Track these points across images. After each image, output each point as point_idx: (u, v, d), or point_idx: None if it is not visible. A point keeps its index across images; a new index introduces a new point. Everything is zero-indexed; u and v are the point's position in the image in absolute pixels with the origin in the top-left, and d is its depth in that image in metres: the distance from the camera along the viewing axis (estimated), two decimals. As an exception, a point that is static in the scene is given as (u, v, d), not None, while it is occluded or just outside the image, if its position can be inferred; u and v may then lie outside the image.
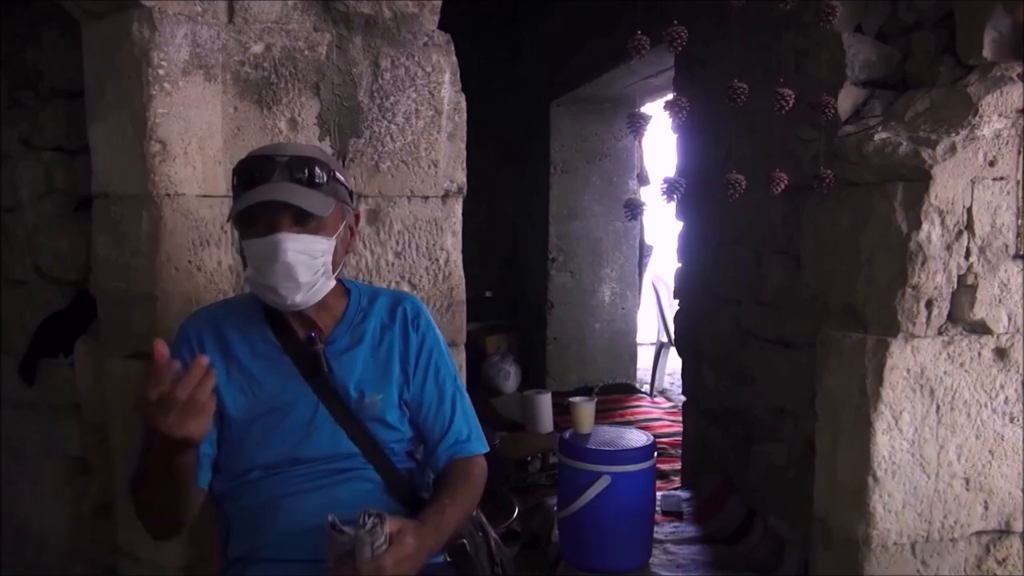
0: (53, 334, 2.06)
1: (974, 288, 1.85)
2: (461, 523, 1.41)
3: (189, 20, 1.62)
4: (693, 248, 3.22)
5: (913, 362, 1.86)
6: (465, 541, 1.46)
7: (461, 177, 1.91)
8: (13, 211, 2.23)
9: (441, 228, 1.90)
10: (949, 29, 1.88)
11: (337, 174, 1.37)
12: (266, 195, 1.28)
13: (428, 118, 1.85)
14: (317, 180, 1.31)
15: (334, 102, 1.77)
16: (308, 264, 1.30)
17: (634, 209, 1.58)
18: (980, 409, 1.92)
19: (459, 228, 1.93)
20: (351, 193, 1.45)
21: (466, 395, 1.52)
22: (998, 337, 1.90)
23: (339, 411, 1.38)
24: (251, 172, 1.32)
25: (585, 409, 2.63)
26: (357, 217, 1.47)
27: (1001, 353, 1.91)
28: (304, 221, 1.30)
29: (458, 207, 1.93)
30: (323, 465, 1.36)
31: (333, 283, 1.38)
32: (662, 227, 5.15)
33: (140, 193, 1.64)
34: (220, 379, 1.34)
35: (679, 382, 3.65)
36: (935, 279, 1.84)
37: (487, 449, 1.50)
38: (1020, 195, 1.86)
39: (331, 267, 1.35)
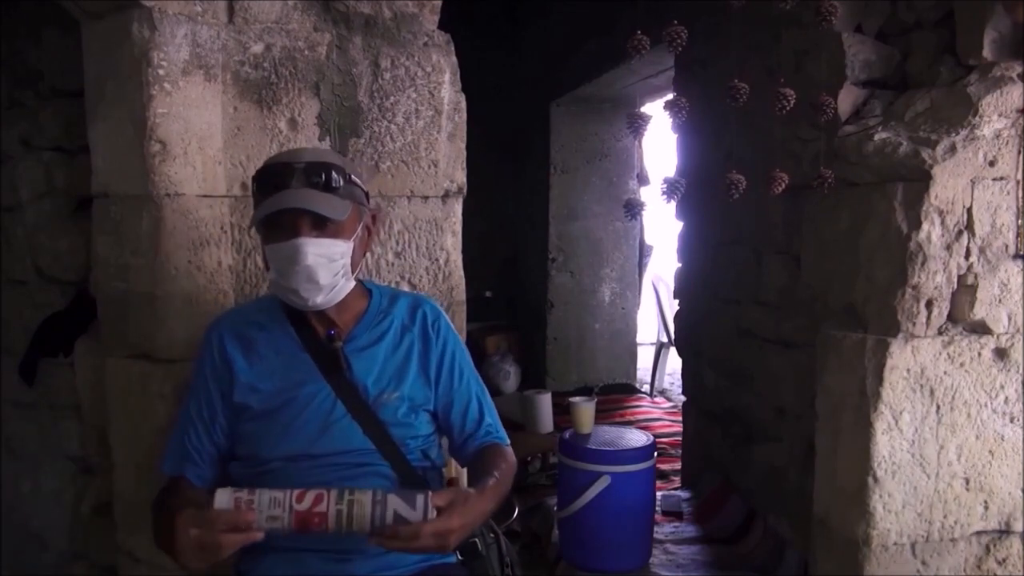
0: (53, 334, 2.06)
1: (974, 288, 1.85)
2: (500, 502, 1.42)
3: (189, 20, 1.62)
4: (693, 248, 3.22)
5: (913, 362, 1.86)
6: (476, 540, 1.47)
7: (461, 177, 1.91)
8: (13, 211, 2.23)
9: (441, 228, 1.90)
10: (949, 29, 1.88)
11: (353, 176, 1.41)
12: (285, 203, 1.32)
13: (428, 118, 1.85)
14: (334, 184, 1.35)
15: (334, 102, 1.77)
16: (328, 267, 1.35)
17: (634, 209, 1.57)
18: (980, 409, 1.92)
19: (459, 228, 1.93)
20: (367, 194, 1.47)
21: (487, 391, 1.56)
22: (998, 337, 1.90)
23: (356, 407, 1.40)
24: (270, 179, 1.36)
25: (585, 409, 2.63)
26: (374, 217, 1.49)
27: (1001, 353, 1.91)
28: (322, 225, 1.34)
29: (458, 207, 1.93)
30: (339, 459, 1.39)
31: (352, 284, 1.43)
32: (662, 227, 5.16)
33: (140, 193, 1.64)
34: (242, 372, 1.41)
35: (679, 382, 3.65)
36: (935, 279, 1.84)
37: (509, 444, 1.54)
38: (1020, 195, 1.86)
39: (350, 268, 1.39)
